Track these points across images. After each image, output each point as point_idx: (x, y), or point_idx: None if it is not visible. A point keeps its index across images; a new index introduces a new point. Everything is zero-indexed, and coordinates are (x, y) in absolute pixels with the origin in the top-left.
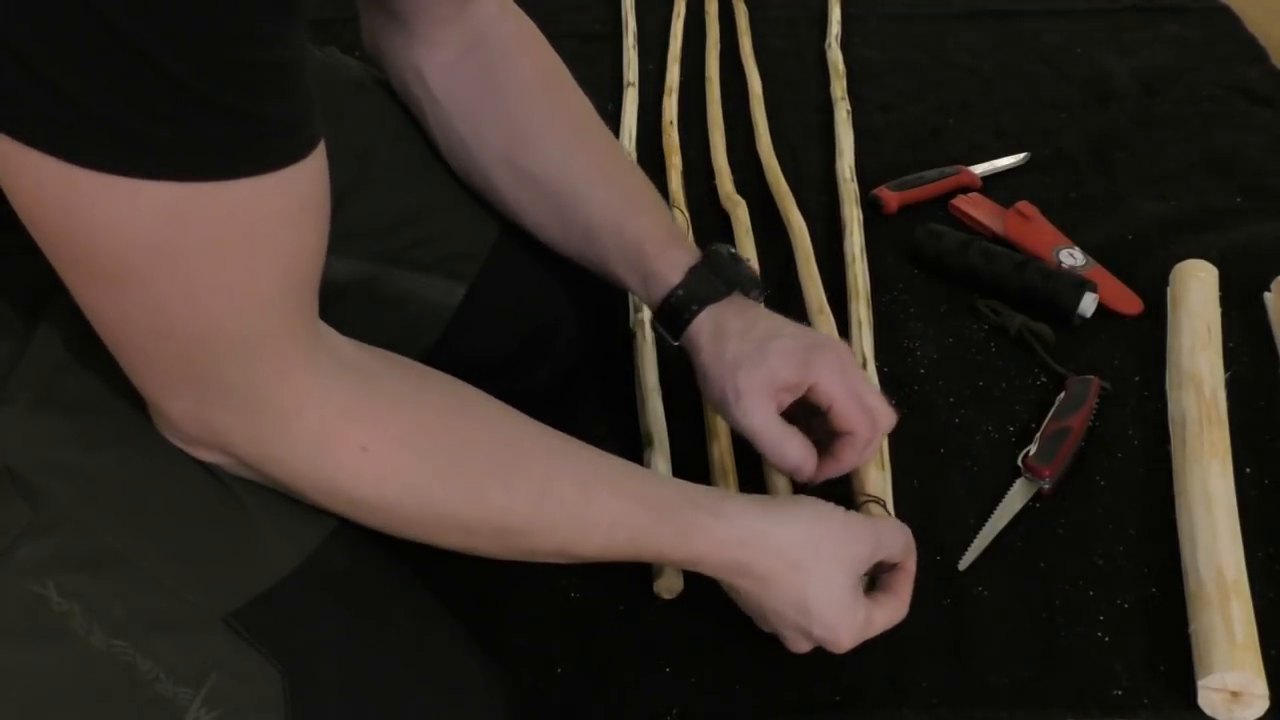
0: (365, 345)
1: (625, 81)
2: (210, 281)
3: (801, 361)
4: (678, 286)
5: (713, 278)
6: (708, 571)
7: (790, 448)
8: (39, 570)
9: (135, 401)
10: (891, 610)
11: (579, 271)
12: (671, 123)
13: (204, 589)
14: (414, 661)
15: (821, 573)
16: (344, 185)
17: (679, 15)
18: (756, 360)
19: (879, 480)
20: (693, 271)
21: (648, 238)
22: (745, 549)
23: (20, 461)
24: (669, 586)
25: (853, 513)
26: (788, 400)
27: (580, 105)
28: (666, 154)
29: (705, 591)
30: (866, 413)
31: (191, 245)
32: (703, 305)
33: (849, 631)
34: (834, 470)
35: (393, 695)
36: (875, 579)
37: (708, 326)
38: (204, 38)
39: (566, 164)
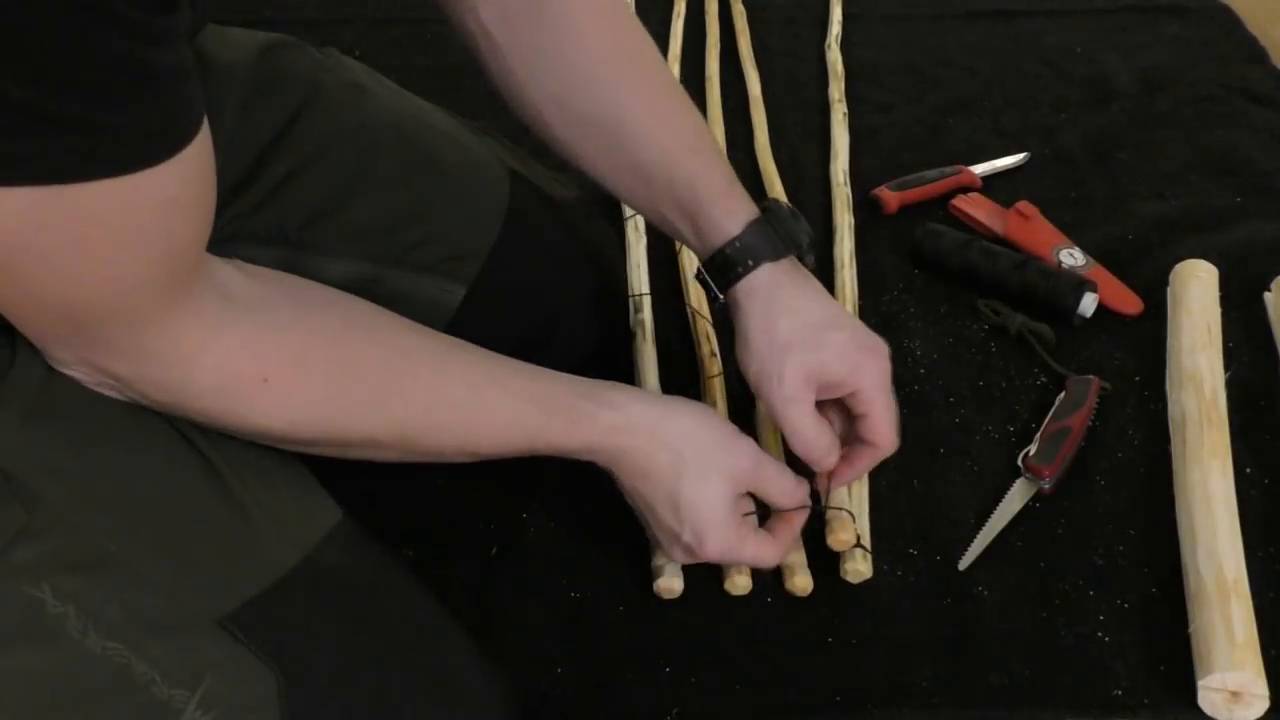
0: (251, 269)
1: None
2: (81, 271)
3: (854, 364)
4: (735, 238)
5: (773, 234)
6: (599, 461)
7: (824, 441)
8: (34, 573)
9: (129, 404)
10: (766, 547)
11: (579, 272)
12: None
13: (199, 591)
14: (411, 662)
15: (698, 470)
16: (344, 185)
17: (679, 15)
18: (811, 349)
19: (842, 494)
20: (753, 225)
21: (702, 182)
22: (630, 435)
23: (15, 464)
24: (669, 587)
25: (739, 432)
26: (826, 395)
27: (637, 42)
28: None
29: (705, 591)
30: (891, 430)
31: (56, 243)
32: (759, 262)
33: (716, 541)
34: (847, 474)
35: (389, 697)
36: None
37: (761, 289)
38: (37, 57)
39: (618, 103)
